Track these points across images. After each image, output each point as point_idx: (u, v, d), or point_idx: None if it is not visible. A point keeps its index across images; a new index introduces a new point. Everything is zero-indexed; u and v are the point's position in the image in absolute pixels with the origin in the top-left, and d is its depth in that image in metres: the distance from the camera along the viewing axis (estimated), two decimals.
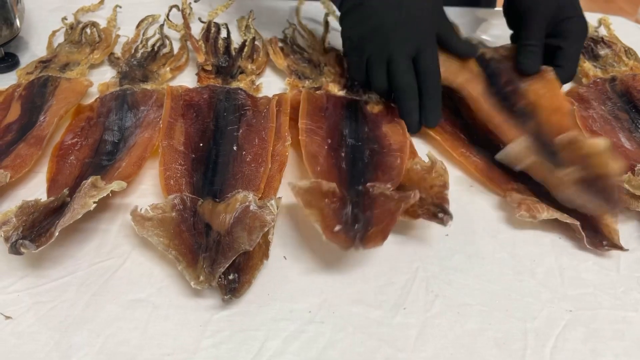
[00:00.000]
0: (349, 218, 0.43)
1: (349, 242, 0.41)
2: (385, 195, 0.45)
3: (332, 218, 0.43)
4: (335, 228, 0.42)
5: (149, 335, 0.39)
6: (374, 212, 0.44)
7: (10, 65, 0.67)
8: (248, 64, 0.67)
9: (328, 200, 0.44)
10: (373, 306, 0.41)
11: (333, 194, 0.45)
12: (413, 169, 0.50)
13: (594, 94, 0.63)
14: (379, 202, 0.45)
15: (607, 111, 0.61)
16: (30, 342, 0.38)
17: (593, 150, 0.48)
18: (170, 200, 0.45)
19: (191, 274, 0.40)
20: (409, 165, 0.50)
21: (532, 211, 0.47)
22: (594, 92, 0.63)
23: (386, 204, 0.44)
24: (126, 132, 0.55)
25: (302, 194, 0.44)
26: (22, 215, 0.42)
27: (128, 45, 0.70)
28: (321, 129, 0.54)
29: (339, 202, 0.45)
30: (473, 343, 0.39)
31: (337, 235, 0.41)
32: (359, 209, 0.44)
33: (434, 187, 0.47)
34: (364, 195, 0.46)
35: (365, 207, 0.45)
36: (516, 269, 0.45)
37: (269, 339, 0.39)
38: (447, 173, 0.48)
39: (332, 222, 0.42)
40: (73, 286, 0.42)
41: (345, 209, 0.44)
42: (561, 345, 0.39)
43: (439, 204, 0.45)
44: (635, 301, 0.43)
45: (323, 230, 0.41)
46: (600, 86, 0.64)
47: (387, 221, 0.43)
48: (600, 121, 0.59)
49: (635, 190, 0.49)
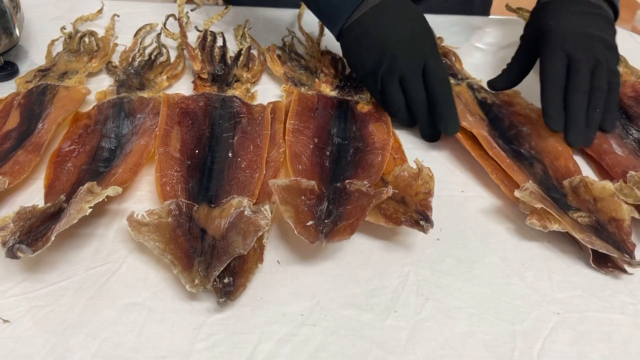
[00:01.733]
0: (323, 214, 0.45)
1: (315, 236, 0.42)
2: (360, 192, 0.47)
3: (306, 214, 0.44)
4: (307, 223, 0.43)
5: (144, 338, 0.40)
6: (346, 207, 0.45)
7: (10, 73, 0.68)
8: (243, 73, 0.68)
9: (304, 198, 0.46)
10: (364, 309, 0.42)
11: (311, 192, 0.47)
12: (400, 176, 0.51)
13: None
14: (354, 197, 0.46)
15: None
16: (28, 345, 0.39)
17: (602, 194, 0.49)
18: (166, 206, 0.46)
19: (186, 278, 0.41)
20: (396, 171, 0.51)
21: (544, 221, 0.46)
22: None
23: (360, 200, 0.46)
24: (123, 139, 0.56)
25: (279, 192, 0.46)
26: (19, 220, 0.43)
27: (126, 54, 0.71)
28: (308, 128, 0.56)
29: (316, 199, 0.46)
30: (462, 345, 0.40)
31: (307, 230, 0.43)
32: (334, 205, 0.46)
33: (419, 194, 0.48)
34: (341, 191, 0.48)
35: (340, 203, 0.46)
36: (506, 272, 0.46)
37: (261, 342, 0.40)
38: (432, 180, 0.49)
39: (306, 217, 0.44)
40: (70, 290, 0.42)
41: (321, 206, 0.46)
42: (549, 347, 0.40)
43: (421, 212, 0.46)
44: (623, 304, 0.43)
45: (295, 225, 0.43)
46: None
47: (357, 216, 0.44)
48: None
49: (627, 198, 0.50)
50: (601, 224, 0.47)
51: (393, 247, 0.47)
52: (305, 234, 0.43)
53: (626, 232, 0.46)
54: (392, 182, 0.51)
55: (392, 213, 0.46)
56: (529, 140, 0.57)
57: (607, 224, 0.47)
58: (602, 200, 0.48)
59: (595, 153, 0.57)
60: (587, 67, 0.56)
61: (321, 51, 0.72)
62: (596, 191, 0.49)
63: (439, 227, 0.49)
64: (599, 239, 0.45)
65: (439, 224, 0.49)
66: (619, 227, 0.46)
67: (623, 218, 0.46)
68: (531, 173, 0.53)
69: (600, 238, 0.45)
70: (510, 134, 0.58)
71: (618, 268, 0.45)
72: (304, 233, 0.43)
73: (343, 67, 0.69)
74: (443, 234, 0.49)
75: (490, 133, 0.58)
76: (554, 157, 0.55)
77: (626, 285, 0.45)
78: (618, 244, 0.45)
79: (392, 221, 0.46)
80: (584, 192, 0.50)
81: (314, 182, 0.48)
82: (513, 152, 0.56)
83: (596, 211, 0.48)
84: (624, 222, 0.46)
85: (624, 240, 0.45)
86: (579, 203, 0.49)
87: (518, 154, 0.56)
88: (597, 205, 0.48)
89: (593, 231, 0.46)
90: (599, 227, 0.46)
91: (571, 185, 0.51)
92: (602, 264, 0.45)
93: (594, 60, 0.56)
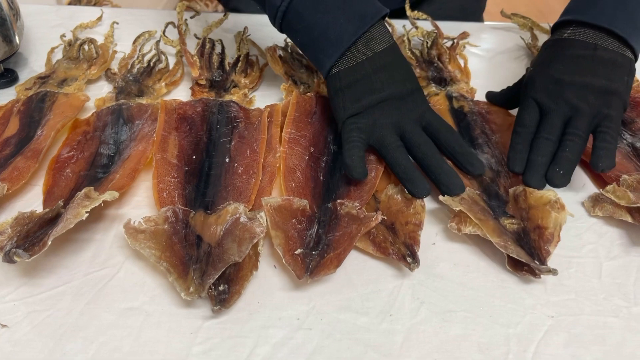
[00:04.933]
0: (312, 240, 0.45)
1: (302, 270, 0.43)
2: (350, 215, 0.47)
3: (296, 240, 0.45)
4: (296, 251, 0.44)
5: (141, 342, 0.40)
6: (335, 234, 0.46)
7: (10, 81, 0.68)
8: (241, 78, 0.68)
9: (295, 221, 0.47)
10: (360, 313, 0.43)
11: (302, 213, 0.48)
12: (393, 198, 0.51)
13: None
14: (343, 223, 0.47)
15: None
16: (26, 349, 0.39)
17: (539, 200, 0.49)
18: (163, 212, 0.46)
19: (182, 286, 0.41)
20: (390, 191, 0.52)
21: (460, 224, 0.48)
22: None
23: (349, 226, 0.46)
24: (121, 145, 0.56)
25: (271, 213, 0.46)
26: (17, 226, 0.43)
27: (125, 61, 0.72)
28: (305, 137, 0.56)
29: (306, 222, 0.47)
30: (457, 348, 0.40)
31: (295, 260, 0.43)
32: (323, 229, 0.46)
33: (409, 225, 0.48)
34: (332, 213, 0.48)
35: (329, 227, 0.47)
36: (500, 276, 0.46)
37: (258, 346, 0.40)
38: (424, 211, 0.49)
39: (295, 244, 0.45)
40: (68, 295, 0.43)
41: (310, 230, 0.47)
42: (543, 350, 0.40)
43: (409, 245, 0.46)
44: (616, 307, 0.44)
45: (283, 254, 0.44)
46: None
47: (344, 246, 0.45)
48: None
49: (620, 200, 0.50)
50: (526, 231, 0.48)
51: None
52: (293, 264, 0.43)
53: (546, 239, 0.46)
54: (384, 203, 0.51)
55: (381, 242, 0.47)
56: (493, 149, 0.58)
57: (531, 231, 0.48)
58: (534, 208, 0.49)
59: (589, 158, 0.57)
60: (557, 116, 0.54)
61: None
62: (532, 200, 0.50)
63: (435, 232, 0.50)
64: (515, 244, 0.46)
65: (435, 229, 0.50)
66: (541, 234, 0.47)
67: (547, 226, 0.47)
68: (478, 180, 0.54)
69: (518, 244, 0.46)
70: (478, 142, 0.59)
71: (531, 272, 0.45)
72: (291, 263, 0.43)
73: None
74: (438, 238, 0.49)
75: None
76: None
77: (620, 288, 0.45)
78: (533, 251, 0.46)
79: (380, 251, 0.46)
80: (522, 201, 0.50)
81: (305, 202, 0.48)
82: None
83: (527, 219, 0.49)
84: (546, 230, 0.47)
85: (540, 248, 0.46)
86: (515, 211, 0.50)
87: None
88: (529, 213, 0.49)
89: (514, 237, 0.47)
90: (522, 234, 0.47)
91: (514, 194, 0.52)
92: (519, 267, 0.46)
93: (569, 108, 0.54)
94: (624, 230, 0.51)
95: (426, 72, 0.70)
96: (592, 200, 0.53)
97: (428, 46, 0.75)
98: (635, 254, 0.48)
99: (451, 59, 0.73)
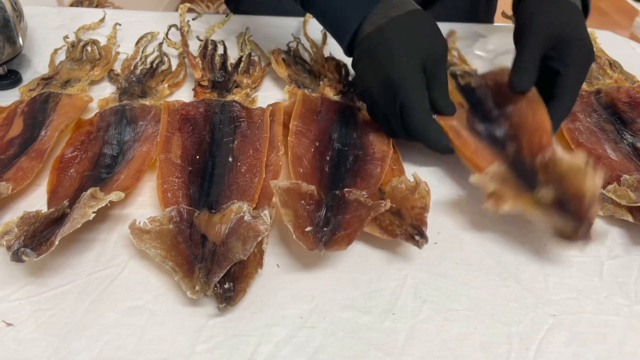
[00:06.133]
0: (321, 220, 0.46)
1: (314, 243, 0.43)
2: (359, 202, 0.47)
3: (305, 219, 0.45)
4: (306, 229, 0.44)
5: (145, 341, 0.40)
6: (345, 217, 0.46)
7: (13, 82, 0.69)
8: (244, 79, 0.69)
9: (304, 202, 0.47)
10: (363, 311, 0.43)
11: (310, 196, 0.48)
12: (398, 188, 0.51)
13: (580, 106, 0.65)
14: (352, 207, 0.47)
15: (593, 123, 0.62)
16: (31, 348, 0.39)
17: (571, 167, 0.48)
18: (168, 212, 0.47)
19: (187, 284, 0.42)
20: (394, 183, 0.52)
21: (497, 203, 0.46)
22: (580, 105, 0.65)
23: (358, 210, 0.46)
24: (125, 146, 0.56)
25: (280, 194, 0.46)
26: (23, 225, 0.43)
27: (127, 62, 0.72)
28: (311, 131, 0.56)
29: (315, 205, 0.47)
30: (459, 347, 0.41)
31: (306, 236, 0.44)
32: (332, 212, 0.47)
33: (415, 209, 0.48)
34: (340, 199, 0.48)
35: (338, 211, 0.47)
36: (502, 275, 0.46)
37: (261, 344, 0.40)
38: (429, 195, 0.49)
39: (305, 222, 0.45)
40: (72, 294, 0.43)
41: (319, 212, 0.47)
42: (544, 348, 0.41)
43: (417, 226, 0.46)
44: (617, 305, 0.44)
45: (294, 230, 0.44)
46: (585, 99, 0.66)
47: (355, 227, 0.45)
48: (586, 133, 0.61)
49: (621, 199, 0.50)
50: (565, 199, 0.46)
51: (391, 250, 0.48)
52: (304, 239, 0.43)
53: (587, 206, 0.45)
54: (389, 193, 0.51)
55: (388, 225, 0.47)
56: (511, 119, 0.57)
57: (571, 199, 0.46)
58: (567, 177, 0.48)
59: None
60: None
61: (325, 57, 0.73)
62: (563, 168, 0.48)
63: (437, 231, 0.50)
64: (557, 215, 0.45)
65: (437, 228, 0.50)
66: (580, 202, 0.45)
67: (584, 194, 0.46)
68: (503, 155, 0.53)
69: (559, 214, 0.45)
70: (492, 115, 0.58)
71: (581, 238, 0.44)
72: (302, 238, 0.43)
73: (347, 73, 0.70)
74: (440, 237, 0.49)
75: (469, 119, 0.58)
76: (531, 132, 0.54)
77: (621, 287, 0.46)
78: (576, 217, 0.44)
79: (387, 233, 0.46)
80: (553, 169, 0.49)
81: (313, 187, 0.49)
82: (488, 135, 0.56)
83: (562, 187, 0.47)
84: (584, 198, 0.45)
85: (584, 213, 0.44)
86: (547, 179, 0.48)
87: (492, 138, 0.56)
88: (563, 183, 0.47)
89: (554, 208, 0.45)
90: (562, 203, 0.46)
91: (542, 162, 0.50)
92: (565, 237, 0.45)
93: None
94: (625, 230, 0.51)
95: None
96: None
97: None
98: (637, 253, 0.49)
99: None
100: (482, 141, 0.55)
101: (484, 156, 0.53)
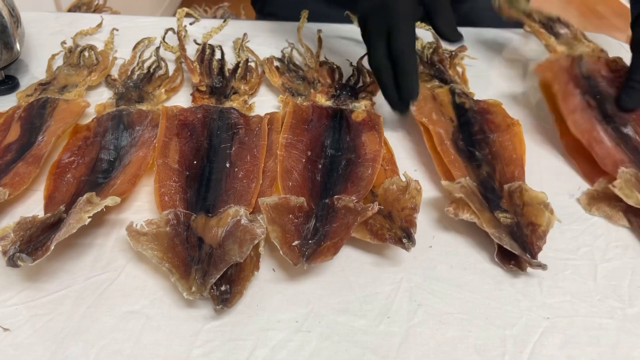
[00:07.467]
0: (309, 232, 0.46)
1: (298, 258, 0.43)
2: (347, 208, 0.48)
3: (293, 233, 0.46)
4: (293, 243, 0.45)
5: (142, 345, 0.40)
6: (332, 226, 0.46)
7: (11, 87, 0.69)
8: (241, 85, 0.69)
9: (292, 216, 0.47)
10: (358, 315, 0.43)
11: (299, 209, 0.48)
12: (389, 189, 0.52)
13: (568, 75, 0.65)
14: (340, 215, 0.48)
15: (582, 99, 0.62)
16: (28, 352, 0.40)
17: (533, 200, 0.50)
18: (165, 215, 0.47)
19: (184, 285, 0.42)
20: (386, 184, 0.52)
21: (457, 210, 0.49)
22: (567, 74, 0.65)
23: (345, 218, 0.47)
24: (122, 151, 0.57)
25: (267, 211, 0.47)
26: (19, 230, 0.44)
27: (124, 67, 0.72)
28: (301, 142, 0.57)
29: (304, 217, 0.48)
30: (454, 350, 0.41)
31: (292, 251, 0.44)
32: (320, 223, 0.47)
33: (405, 210, 0.49)
34: (329, 208, 0.49)
35: (326, 221, 0.47)
36: (496, 278, 0.47)
37: (257, 348, 0.40)
38: (420, 194, 0.50)
39: (292, 237, 0.45)
40: (69, 299, 0.43)
41: (308, 224, 0.47)
42: (538, 351, 0.41)
43: (405, 228, 0.47)
44: (611, 308, 0.44)
45: (281, 245, 0.44)
46: (570, 64, 0.67)
47: (341, 235, 0.45)
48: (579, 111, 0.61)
49: (628, 199, 0.51)
50: (519, 226, 0.48)
51: (386, 254, 0.48)
52: (290, 254, 0.44)
53: (538, 236, 0.47)
54: (381, 196, 0.51)
55: (379, 229, 0.47)
56: (491, 147, 0.58)
57: (524, 226, 0.48)
58: (529, 205, 0.50)
59: (586, 141, 0.58)
60: None
61: (320, 61, 0.74)
62: (527, 197, 0.51)
63: (432, 235, 0.50)
64: (509, 237, 0.47)
65: (432, 232, 0.51)
66: (534, 230, 0.48)
67: (540, 224, 0.48)
68: (475, 173, 0.55)
69: (511, 237, 0.47)
70: (477, 138, 0.60)
71: (518, 266, 0.47)
72: (288, 254, 0.44)
73: (340, 76, 0.71)
74: (435, 241, 0.50)
75: (454, 134, 0.60)
76: (506, 163, 0.56)
77: (615, 290, 0.46)
78: (525, 245, 0.46)
79: (377, 238, 0.47)
80: (517, 197, 0.51)
81: (303, 199, 0.49)
82: (468, 152, 0.58)
83: (521, 215, 0.49)
84: (539, 227, 0.48)
85: (532, 243, 0.47)
86: (509, 206, 0.51)
87: (471, 155, 0.57)
88: (523, 210, 0.50)
89: (508, 230, 0.48)
90: (516, 228, 0.48)
91: (509, 190, 0.52)
92: (506, 260, 0.47)
93: None
94: (619, 233, 0.51)
95: (429, 70, 0.71)
96: (588, 198, 0.54)
97: (430, 52, 0.76)
98: (630, 257, 0.49)
99: (451, 66, 0.74)
100: (461, 155, 0.57)
101: (459, 168, 0.55)
